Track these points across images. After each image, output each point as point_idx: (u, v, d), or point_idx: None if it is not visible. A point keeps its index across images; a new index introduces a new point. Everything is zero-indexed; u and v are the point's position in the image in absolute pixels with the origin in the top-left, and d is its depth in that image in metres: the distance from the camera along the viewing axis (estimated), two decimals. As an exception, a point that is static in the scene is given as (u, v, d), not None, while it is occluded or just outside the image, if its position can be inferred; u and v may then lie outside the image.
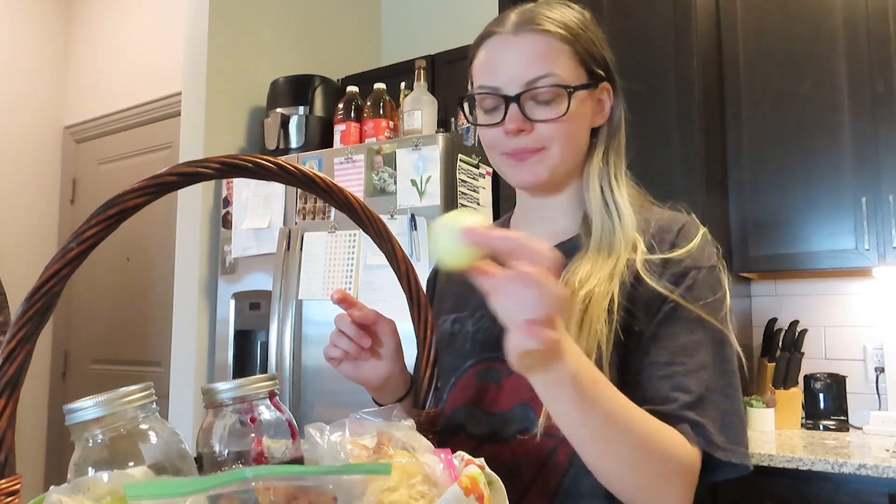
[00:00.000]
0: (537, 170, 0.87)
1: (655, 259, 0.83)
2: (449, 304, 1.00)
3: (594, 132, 0.92)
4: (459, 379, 0.91)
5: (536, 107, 0.85)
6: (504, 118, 0.85)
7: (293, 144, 2.64)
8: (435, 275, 1.09)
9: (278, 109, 2.67)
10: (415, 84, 2.46)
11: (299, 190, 2.18)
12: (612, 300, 0.80)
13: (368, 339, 0.87)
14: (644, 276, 0.81)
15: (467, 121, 0.97)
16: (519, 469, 0.82)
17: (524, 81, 0.84)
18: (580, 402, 0.65)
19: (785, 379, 2.41)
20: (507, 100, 0.85)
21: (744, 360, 0.84)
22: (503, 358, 0.87)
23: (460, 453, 0.63)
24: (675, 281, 0.82)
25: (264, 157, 0.64)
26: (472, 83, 0.91)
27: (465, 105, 0.92)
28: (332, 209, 2.33)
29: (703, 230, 0.87)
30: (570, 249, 0.89)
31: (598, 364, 0.77)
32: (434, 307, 1.03)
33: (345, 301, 0.87)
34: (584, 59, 0.88)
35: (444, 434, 0.85)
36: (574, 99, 0.85)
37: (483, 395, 0.88)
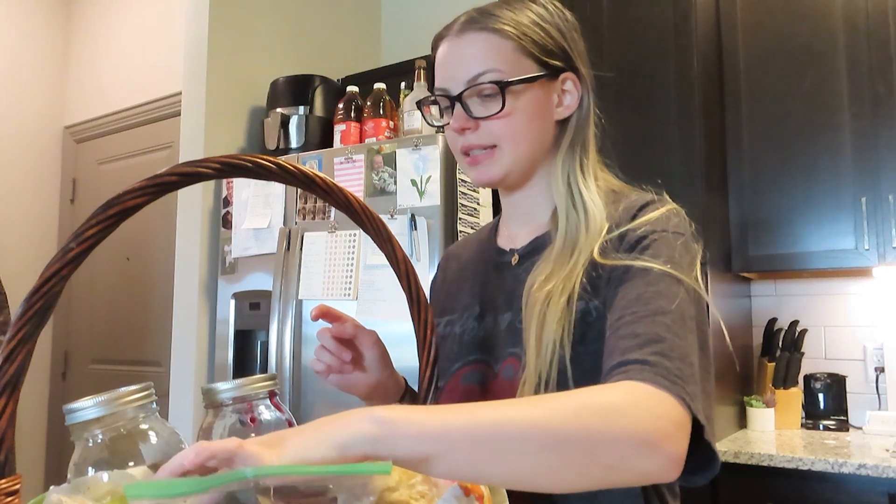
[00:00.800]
0: (491, 170, 0.88)
1: (612, 237, 0.81)
2: (443, 305, 1.01)
3: (563, 124, 0.91)
4: (447, 382, 0.91)
5: (481, 104, 0.86)
6: (452, 117, 0.88)
7: (293, 144, 2.64)
8: (444, 262, 1.10)
9: (278, 109, 2.67)
10: (415, 84, 2.46)
11: (299, 190, 2.18)
12: (569, 298, 0.79)
13: (349, 353, 0.88)
14: (600, 260, 0.79)
15: (427, 123, 0.96)
16: None
17: (465, 80, 0.86)
18: (420, 433, 0.52)
19: (785, 379, 2.41)
20: (451, 100, 0.87)
21: (710, 304, 0.77)
22: (488, 360, 0.89)
23: None
24: (630, 248, 0.78)
25: (264, 157, 0.64)
26: None
27: (425, 108, 0.94)
28: (333, 209, 2.33)
29: (671, 206, 0.83)
30: (541, 248, 0.89)
31: (561, 364, 0.77)
32: (434, 304, 1.03)
33: (327, 315, 0.87)
34: (533, 53, 0.87)
35: None
36: (510, 94, 0.85)
37: (470, 398, 0.87)
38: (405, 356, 2.27)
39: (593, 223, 0.84)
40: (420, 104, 0.95)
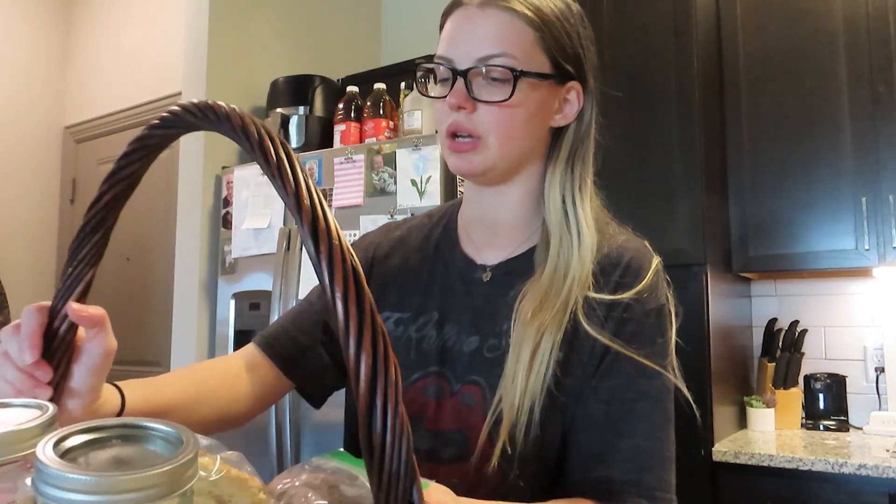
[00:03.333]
0: (473, 160, 0.82)
1: (599, 300, 0.79)
2: (392, 297, 0.92)
3: (557, 134, 0.86)
4: (405, 392, 0.85)
5: (485, 87, 0.80)
6: (448, 92, 0.81)
7: (293, 144, 2.64)
8: (375, 247, 0.97)
9: (278, 109, 2.67)
10: (415, 84, 2.46)
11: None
12: (560, 338, 0.77)
13: (48, 371, 0.56)
14: (584, 324, 0.78)
15: (418, 90, 0.89)
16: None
17: (476, 57, 0.80)
18: None
19: (785, 379, 2.41)
20: (455, 73, 0.80)
21: (690, 399, 0.83)
22: (447, 375, 0.84)
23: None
24: (617, 328, 0.78)
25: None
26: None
27: (420, 74, 0.87)
28: (332, 209, 2.33)
29: (654, 263, 0.83)
30: (520, 270, 0.84)
31: (547, 411, 0.76)
32: (375, 292, 0.90)
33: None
34: (550, 50, 0.82)
35: None
36: (522, 84, 0.79)
37: (425, 411, 0.84)
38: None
39: (585, 251, 0.81)
40: (419, 67, 0.87)
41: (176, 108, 0.46)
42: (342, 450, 0.61)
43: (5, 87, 3.81)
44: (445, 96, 0.82)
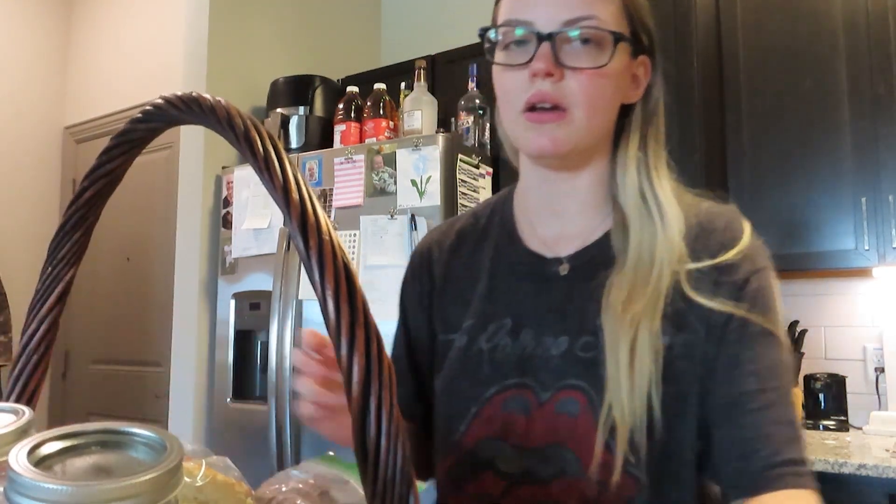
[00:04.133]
0: (557, 135, 0.72)
1: (702, 268, 0.71)
2: (453, 308, 0.84)
3: (624, 112, 0.79)
4: (482, 408, 0.77)
5: (574, 53, 0.71)
6: (532, 58, 0.71)
7: (293, 145, 2.64)
8: (429, 254, 0.89)
9: (278, 109, 2.67)
10: (415, 84, 2.46)
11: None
12: (659, 326, 0.70)
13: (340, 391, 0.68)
14: (694, 296, 0.70)
15: (487, 57, 0.77)
16: None
17: (563, 20, 0.71)
18: None
19: (785, 379, 2.41)
20: (540, 38, 0.71)
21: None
22: (531, 385, 0.75)
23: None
24: (736, 293, 0.70)
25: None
26: (495, 22, 0.78)
27: (486, 43, 0.77)
28: (332, 209, 2.33)
29: (748, 223, 0.77)
30: (600, 258, 0.76)
31: (649, 416, 0.67)
32: (434, 303, 0.87)
33: (321, 346, 0.71)
34: (631, 18, 0.75)
35: (465, 470, 0.77)
36: (618, 52, 0.72)
37: (511, 428, 0.75)
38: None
39: (672, 231, 0.73)
40: (486, 33, 0.77)
41: (159, 101, 0.44)
42: (332, 453, 0.60)
43: (5, 87, 3.81)
44: (520, 63, 0.72)
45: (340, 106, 2.57)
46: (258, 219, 2.51)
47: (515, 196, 0.86)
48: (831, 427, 2.35)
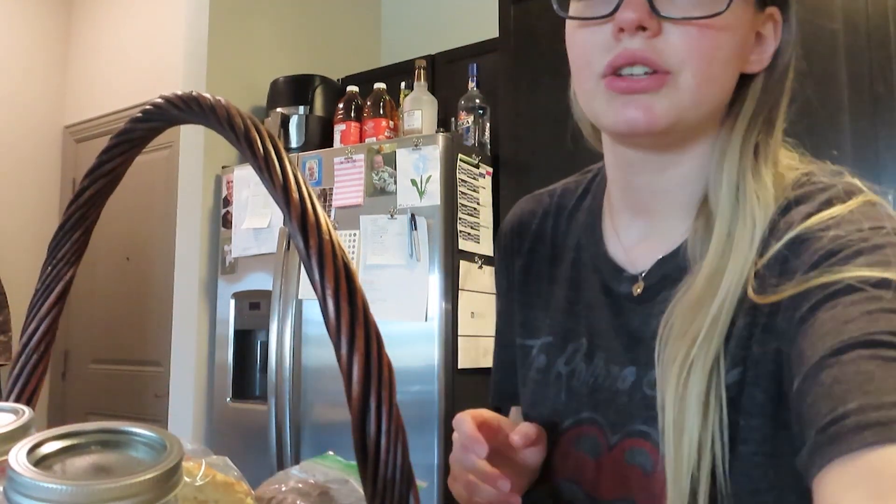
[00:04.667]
0: (654, 108, 0.54)
1: (770, 256, 0.54)
2: (535, 313, 0.72)
3: (742, 82, 0.60)
4: (559, 439, 0.67)
5: (670, 2, 0.54)
6: (617, 6, 0.54)
7: (293, 144, 2.64)
8: (520, 237, 0.75)
9: (278, 109, 2.67)
10: (415, 84, 2.46)
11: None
12: (716, 358, 0.53)
13: (506, 482, 0.59)
14: (758, 299, 0.53)
15: (557, 10, 0.58)
16: None
17: None
18: None
19: (785, 379, 2.41)
20: None
21: None
22: (600, 422, 0.63)
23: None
24: (816, 263, 0.50)
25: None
26: None
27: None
28: (332, 209, 2.33)
29: (861, 195, 0.55)
30: (674, 271, 0.60)
31: (713, 467, 0.52)
32: (515, 299, 0.75)
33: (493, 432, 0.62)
34: None
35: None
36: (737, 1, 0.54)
37: (582, 471, 0.64)
38: (406, 356, 2.26)
39: (749, 234, 0.56)
40: None
41: (159, 100, 0.44)
42: (332, 453, 0.60)
43: (5, 86, 3.81)
44: (601, 16, 0.55)
45: (340, 105, 2.57)
46: (258, 218, 2.51)
47: (607, 190, 0.70)
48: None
